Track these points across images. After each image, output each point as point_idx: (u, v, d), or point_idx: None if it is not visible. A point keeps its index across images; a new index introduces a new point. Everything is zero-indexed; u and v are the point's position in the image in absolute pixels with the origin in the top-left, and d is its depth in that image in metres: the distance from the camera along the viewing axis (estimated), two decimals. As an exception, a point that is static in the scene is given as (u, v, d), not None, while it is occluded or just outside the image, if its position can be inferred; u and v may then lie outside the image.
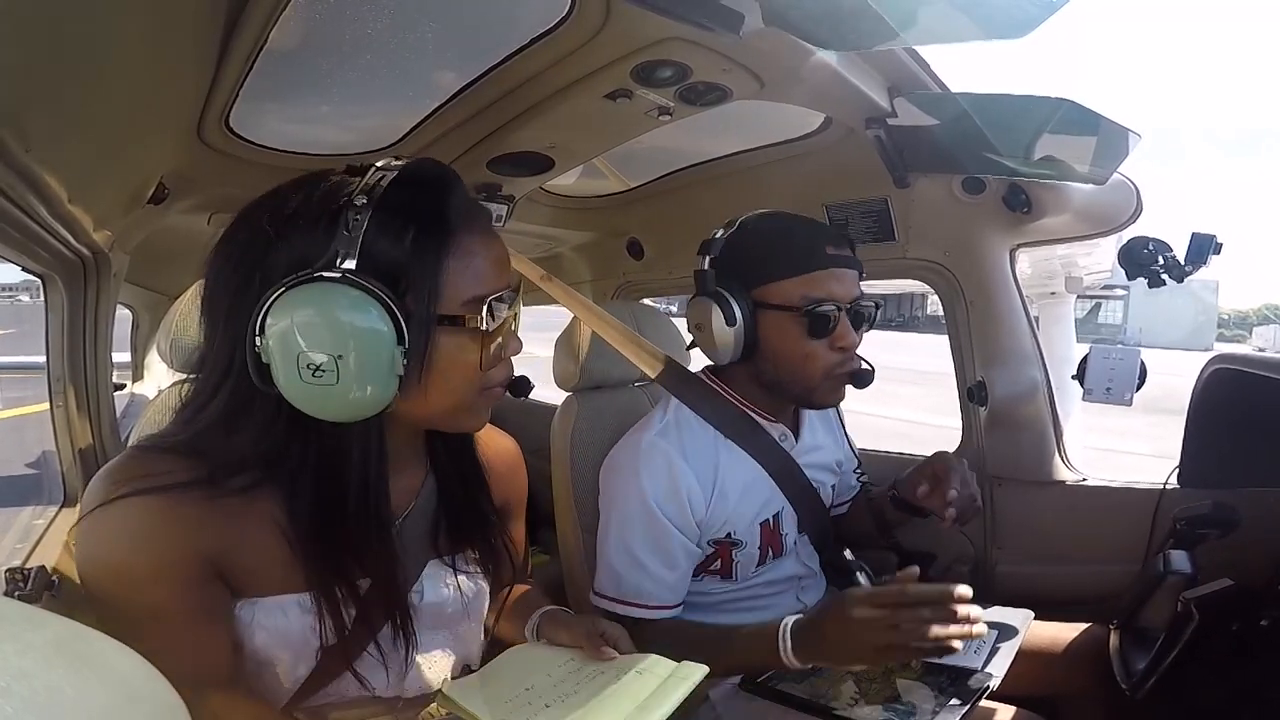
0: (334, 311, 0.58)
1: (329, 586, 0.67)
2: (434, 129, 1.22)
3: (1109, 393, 1.16)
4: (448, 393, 0.67)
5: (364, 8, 0.89)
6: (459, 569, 0.79)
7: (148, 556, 0.62)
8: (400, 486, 0.75)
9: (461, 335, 0.65)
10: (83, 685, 0.27)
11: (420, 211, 0.63)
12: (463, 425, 0.74)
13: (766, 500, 1.11)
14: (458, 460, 0.80)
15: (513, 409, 2.61)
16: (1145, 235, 1.09)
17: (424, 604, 0.76)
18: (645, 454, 1.05)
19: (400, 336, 0.60)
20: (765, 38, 0.86)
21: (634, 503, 1.04)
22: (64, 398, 1.18)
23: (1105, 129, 1.05)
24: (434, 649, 0.78)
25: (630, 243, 1.96)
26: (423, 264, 0.62)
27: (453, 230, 0.64)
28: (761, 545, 1.11)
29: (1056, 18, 0.70)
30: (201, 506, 0.62)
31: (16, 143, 0.72)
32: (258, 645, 0.68)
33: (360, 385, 0.60)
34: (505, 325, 0.69)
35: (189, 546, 0.63)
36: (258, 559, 0.66)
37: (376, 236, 0.60)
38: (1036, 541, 1.29)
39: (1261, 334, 34.91)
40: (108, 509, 0.61)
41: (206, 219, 1.41)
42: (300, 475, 0.65)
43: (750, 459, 1.09)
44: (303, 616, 0.67)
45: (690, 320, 1.08)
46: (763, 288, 1.02)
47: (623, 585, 1.05)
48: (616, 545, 1.05)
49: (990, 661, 1.02)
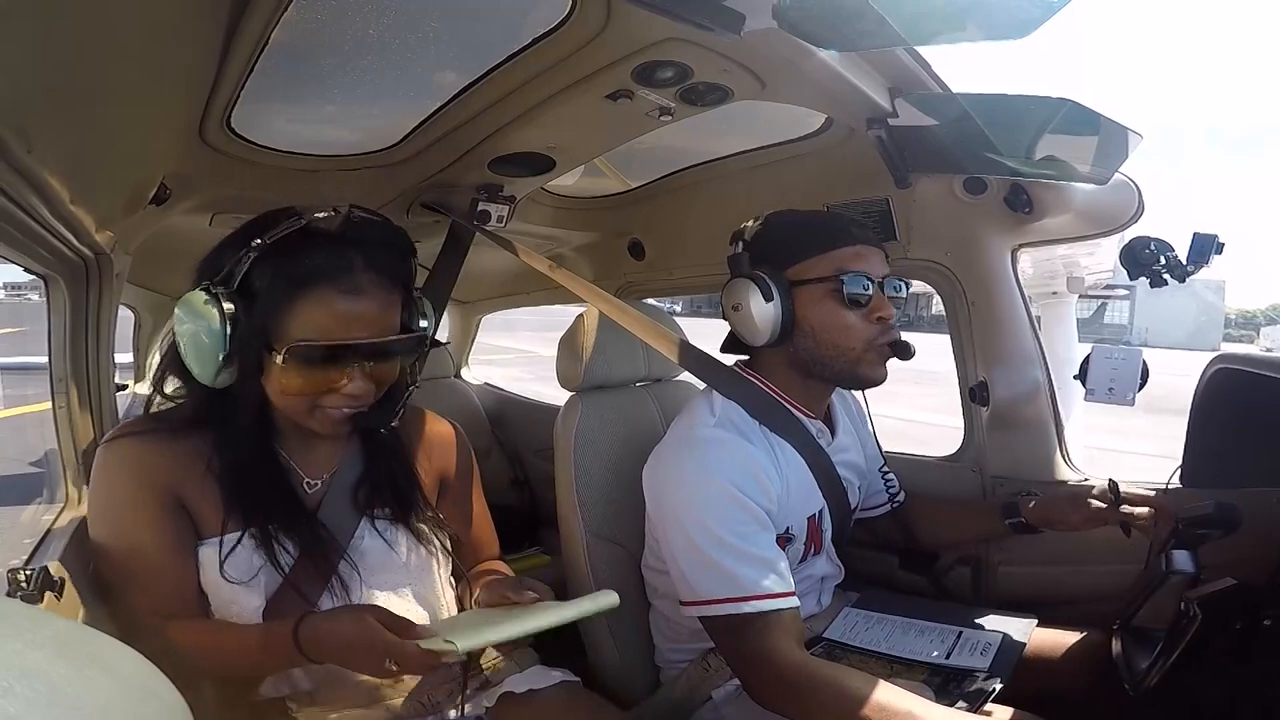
0: (189, 310, 0.81)
1: (254, 526, 0.86)
2: (435, 129, 1.22)
3: (1111, 393, 1.15)
4: (283, 404, 0.86)
5: (366, 8, 0.89)
6: (377, 521, 0.95)
7: (124, 483, 0.86)
8: (323, 452, 0.95)
9: (284, 370, 0.82)
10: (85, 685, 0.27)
11: (287, 261, 0.81)
12: (306, 426, 0.88)
13: (810, 495, 1.10)
14: (374, 438, 0.97)
15: (516, 410, 2.63)
16: (1147, 235, 1.08)
17: (360, 553, 0.93)
18: (709, 444, 1.01)
19: (224, 346, 0.80)
20: (766, 38, 0.86)
21: (712, 492, 0.97)
22: (66, 398, 1.19)
23: (1106, 129, 1.05)
24: (389, 599, 0.92)
25: (632, 243, 1.96)
26: (270, 299, 0.81)
27: (308, 281, 0.81)
28: (806, 541, 1.11)
29: (1058, 18, 0.70)
30: (163, 446, 0.87)
31: (19, 143, 0.73)
32: (217, 582, 0.86)
33: (192, 361, 0.83)
34: (344, 369, 0.83)
35: (156, 475, 0.85)
36: (205, 498, 0.87)
37: (252, 269, 0.81)
38: (1037, 542, 1.28)
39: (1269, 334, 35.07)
40: (101, 451, 0.87)
41: (209, 220, 1.41)
42: (224, 427, 0.87)
43: (796, 453, 1.07)
44: (245, 554, 0.86)
45: (726, 303, 1.07)
46: (796, 266, 1.04)
47: (733, 581, 0.94)
48: (705, 543, 0.96)
49: (994, 666, 1.02)
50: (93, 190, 0.99)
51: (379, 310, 0.84)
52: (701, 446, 1.01)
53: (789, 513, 1.05)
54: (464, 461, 1.10)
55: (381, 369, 0.87)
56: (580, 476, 1.20)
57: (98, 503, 0.88)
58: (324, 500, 0.94)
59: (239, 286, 0.81)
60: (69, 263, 1.15)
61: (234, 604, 0.87)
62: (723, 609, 0.95)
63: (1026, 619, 1.16)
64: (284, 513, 0.89)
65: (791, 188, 1.51)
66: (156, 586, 0.85)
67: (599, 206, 1.87)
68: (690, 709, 1.11)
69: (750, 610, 0.94)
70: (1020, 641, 1.09)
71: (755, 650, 0.94)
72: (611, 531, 1.21)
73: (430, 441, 1.07)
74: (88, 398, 1.21)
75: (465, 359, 2.78)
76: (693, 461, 1.01)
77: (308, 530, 0.90)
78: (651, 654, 1.22)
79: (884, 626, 1.16)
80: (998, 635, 1.10)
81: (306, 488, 0.94)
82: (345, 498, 0.95)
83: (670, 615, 1.16)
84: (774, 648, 0.93)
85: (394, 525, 0.96)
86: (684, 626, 1.13)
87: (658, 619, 1.20)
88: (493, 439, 2.48)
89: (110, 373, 1.28)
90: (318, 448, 0.96)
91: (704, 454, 1.00)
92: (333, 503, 0.94)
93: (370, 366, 0.85)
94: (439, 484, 1.07)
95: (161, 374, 0.92)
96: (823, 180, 1.47)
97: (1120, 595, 1.11)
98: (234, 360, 0.82)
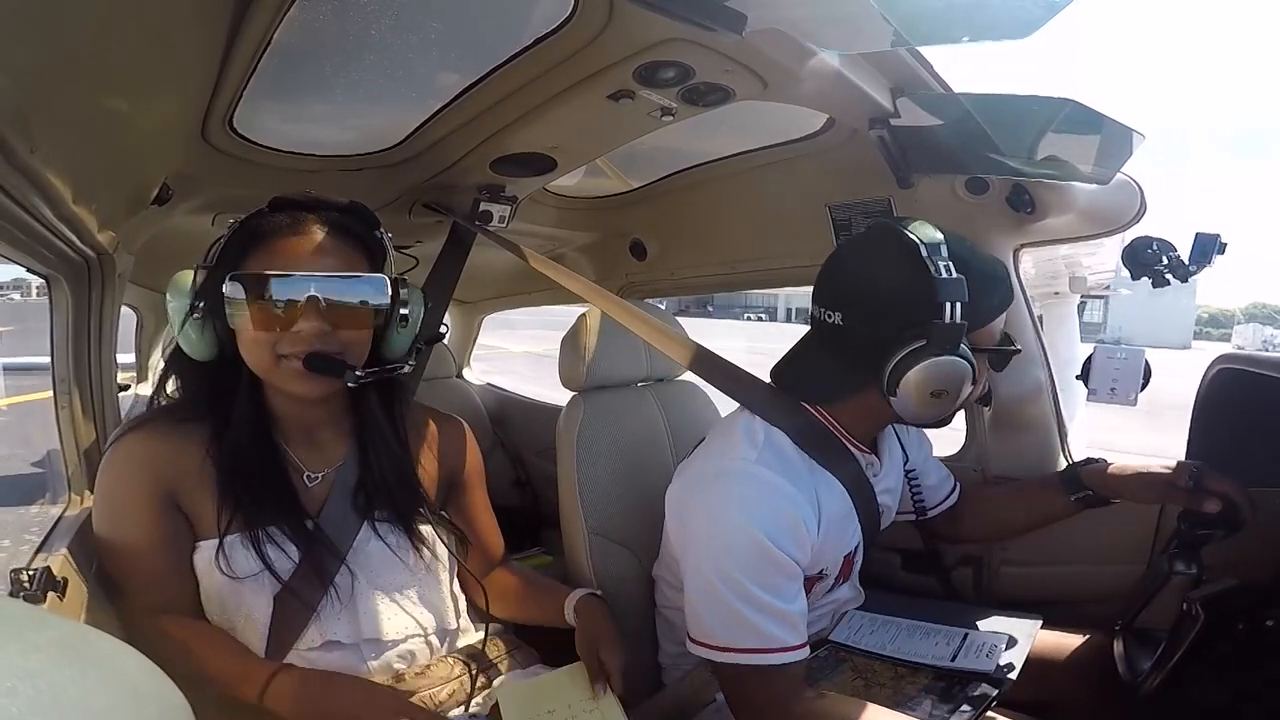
0: (171, 285, 0.87)
1: (252, 523, 0.87)
2: (437, 129, 1.22)
3: (1113, 393, 1.15)
4: (247, 353, 0.87)
5: (368, 8, 0.89)
6: (380, 523, 0.95)
7: (125, 480, 0.87)
8: (325, 446, 0.96)
9: (234, 303, 0.84)
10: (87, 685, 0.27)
11: (249, 226, 0.87)
12: (279, 387, 0.89)
13: (847, 531, 1.03)
14: (375, 432, 0.96)
15: (517, 410, 2.63)
16: (1149, 235, 1.08)
17: (364, 555, 0.93)
18: (745, 481, 0.93)
19: (193, 301, 0.85)
20: (768, 38, 0.86)
21: (740, 537, 0.90)
22: (69, 398, 1.19)
23: (1109, 129, 1.05)
24: (391, 602, 0.94)
25: (633, 243, 1.96)
26: (230, 256, 0.86)
27: (263, 235, 0.86)
28: (838, 575, 1.08)
29: (1059, 18, 0.70)
30: (164, 438, 0.88)
31: (22, 144, 0.73)
32: (218, 585, 0.86)
33: (180, 335, 0.86)
34: (295, 305, 0.84)
35: (155, 470, 0.87)
36: (204, 492, 0.87)
37: (226, 246, 0.87)
38: (1040, 542, 1.28)
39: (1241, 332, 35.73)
40: (109, 451, 0.88)
41: (211, 219, 1.41)
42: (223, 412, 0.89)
43: (842, 489, 1.00)
44: (244, 556, 0.86)
45: (925, 387, 0.89)
46: (983, 330, 0.94)
47: (752, 633, 0.90)
48: (727, 590, 0.90)
49: (998, 669, 1.02)
50: (95, 190, 0.99)
51: (335, 255, 0.87)
52: (739, 484, 0.93)
53: (824, 556, 1.00)
54: (474, 460, 1.10)
55: (339, 312, 0.86)
56: (582, 476, 1.20)
57: (101, 500, 0.90)
58: (326, 501, 0.93)
59: (215, 263, 0.87)
60: (71, 263, 1.16)
61: (241, 605, 0.88)
62: (735, 658, 0.91)
63: (1031, 619, 1.15)
64: (283, 509, 0.89)
65: (794, 188, 1.51)
66: (154, 583, 0.87)
67: (601, 207, 1.87)
68: (693, 710, 1.11)
69: (763, 663, 0.90)
70: (1025, 643, 1.09)
71: (763, 700, 0.93)
72: (614, 531, 1.21)
73: (438, 440, 1.06)
74: (90, 398, 1.21)
75: (467, 359, 2.79)
76: (725, 499, 0.93)
77: (307, 531, 0.90)
78: (654, 654, 1.22)
79: (889, 629, 1.16)
80: (1003, 637, 1.10)
81: (307, 480, 0.94)
82: (347, 498, 0.94)
83: (677, 622, 1.14)
84: (783, 697, 0.91)
85: (396, 527, 0.96)
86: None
87: (664, 623, 1.19)
88: (494, 439, 2.49)
89: (113, 373, 1.28)
90: (320, 440, 0.96)
91: (740, 494, 0.92)
92: (334, 503, 0.94)
93: (324, 305, 0.84)
94: (448, 483, 1.07)
95: (165, 372, 0.94)
96: (825, 181, 1.46)
97: (1121, 596, 1.11)
98: (205, 315, 0.85)
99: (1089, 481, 1.12)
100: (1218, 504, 0.95)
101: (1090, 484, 1.12)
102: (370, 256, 0.91)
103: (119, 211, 1.15)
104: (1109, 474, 1.10)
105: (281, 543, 0.88)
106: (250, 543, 0.87)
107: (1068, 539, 1.28)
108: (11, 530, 2.14)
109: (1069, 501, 1.14)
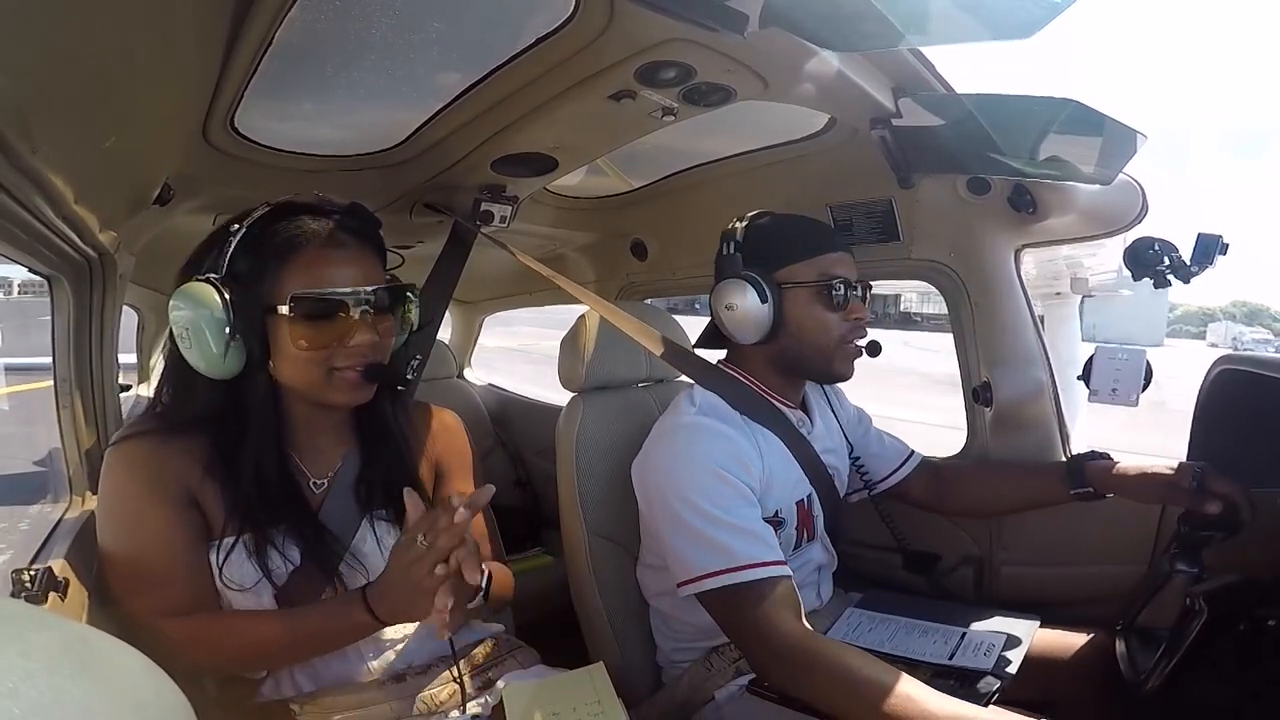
0: (186, 298, 0.83)
1: (260, 530, 0.86)
2: (438, 129, 1.22)
3: (1115, 393, 1.15)
4: (293, 369, 0.86)
5: (369, 9, 0.89)
6: (377, 524, 0.95)
7: (136, 484, 0.85)
8: (328, 450, 0.96)
9: (292, 323, 0.84)
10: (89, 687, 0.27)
11: (268, 234, 0.84)
12: (326, 399, 0.89)
13: (798, 481, 1.14)
14: (378, 433, 0.98)
15: (518, 410, 2.63)
16: (1150, 235, 1.08)
17: (362, 555, 0.93)
18: (690, 430, 1.05)
19: (229, 320, 0.81)
20: (769, 38, 0.86)
21: (691, 468, 1.01)
22: (70, 398, 1.19)
23: (1111, 129, 1.04)
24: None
25: (634, 243, 1.96)
26: (261, 269, 0.84)
27: (294, 245, 0.84)
28: (798, 526, 1.13)
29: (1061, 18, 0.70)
30: (171, 445, 0.86)
31: (23, 144, 0.73)
32: (224, 587, 0.86)
33: (197, 349, 0.83)
34: (349, 319, 0.85)
35: (167, 474, 0.85)
36: (213, 499, 0.86)
37: (236, 253, 0.84)
38: (1041, 542, 1.28)
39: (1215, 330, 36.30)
40: (110, 454, 0.87)
41: (212, 220, 1.41)
42: (235, 423, 0.87)
43: (778, 441, 1.11)
44: (247, 564, 0.86)
45: (718, 303, 1.11)
46: (785, 269, 1.09)
47: (722, 553, 0.96)
48: (693, 518, 0.98)
49: (997, 667, 1.02)
50: (97, 191, 0.99)
51: (364, 263, 0.89)
52: (683, 432, 1.06)
53: (776, 495, 1.08)
54: (459, 445, 1.10)
55: (382, 320, 0.89)
56: (582, 477, 1.20)
57: (108, 505, 0.88)
58: (326, 500, 0.93)
59: (226, 272, 0.84)
60: (73, 263, 1.16)
61: (244, 606, 0.87)
62: (717, 581, 0.96)
63: (1030, 619, 1.15)
64: (291, 517, 0.89)
65: (794, 188, 1.51)
66: (173, 585, 0.84)
67: (601, 207, 1.87)
68: (692, 709, 1.11)
69: (745, 580, 0.95)
70: (1023, 642, 1.09)
71: (754, 621, 0.94)
72: (613, 531, 1.21)
73: (432, 432, 1.08)
74: (91, 398, 1.21)
75: (468, 359, 2.79)
76: (675, 447, 1.05)
77: (312, 533, 0.90)
78: (653, 654, 1.22)
79: (888, 627, 1.16)
80: (1001, 636, 1.10)
81: (313, 488, 0.94)
82: (346, 497, 0.95)
83: (670, 614, 1.16)
84: (772, 617, 0.93)
85: (395, 526, 0.96)
86: (685, 626, 1.14)
87: (657, 619, 1.20)
88: (495, 439, 2.49)
89: (114, 373, 1.28)
90: (323, 446, 0.96)
91: (685, 438, 1.05)
92: (334, 502, 0.94)
93: (371, 316, 0.87)
94: (435, 475, 1.07)
95: (162, 386, 0.92)
96: (826, 181, 1.46)
97: (1122, 597, 1.11)
98: (238, 335, 0.82)
99: (1091, 477, 1.14)
100: (1219, 506, 0.97)
101: (1092, 480, 1.14)
102: (378, 252, 0.93)
103: (120, 212, 1.14)
104: (1112, 473, 1.12)
105: (285, 548, 0.88)
106: (254, 550, 0.86)
107: (1068, 539, 1.28)
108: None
109: (1066, 493, 1.17)
